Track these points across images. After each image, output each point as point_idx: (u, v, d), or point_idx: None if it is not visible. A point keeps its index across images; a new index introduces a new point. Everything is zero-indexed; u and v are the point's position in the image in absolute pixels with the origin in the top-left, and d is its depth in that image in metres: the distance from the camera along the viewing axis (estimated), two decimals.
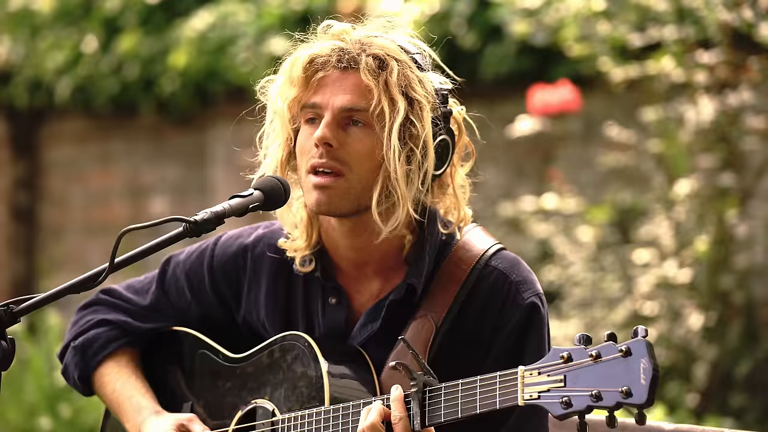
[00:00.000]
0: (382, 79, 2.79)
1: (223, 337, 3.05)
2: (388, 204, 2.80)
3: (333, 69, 2.81)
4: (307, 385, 2.83)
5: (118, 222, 9.65)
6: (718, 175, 6.16)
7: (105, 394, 3.09)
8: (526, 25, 6.72)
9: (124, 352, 3.10)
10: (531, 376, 2.53)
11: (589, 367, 2.47)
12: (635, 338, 2.46)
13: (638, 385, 2.43)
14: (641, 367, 2.43)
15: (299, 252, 2.92)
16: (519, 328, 2.83)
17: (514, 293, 2.85)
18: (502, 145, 7.37)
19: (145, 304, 3.09)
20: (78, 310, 3.15)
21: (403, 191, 2.78)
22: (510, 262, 2.89)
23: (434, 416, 2.65)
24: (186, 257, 3.08)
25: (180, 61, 8.86)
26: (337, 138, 2.79)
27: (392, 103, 2.78)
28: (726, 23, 6.04)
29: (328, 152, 2.79)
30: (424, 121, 2.79)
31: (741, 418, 6.10)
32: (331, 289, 2.92)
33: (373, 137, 2.79)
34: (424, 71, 2.85)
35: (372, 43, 2.83)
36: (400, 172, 2.77)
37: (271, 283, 2.98)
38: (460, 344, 2.84)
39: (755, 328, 6.43)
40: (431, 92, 2.83)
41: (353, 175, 2.79)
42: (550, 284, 6.36)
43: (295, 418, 2.83)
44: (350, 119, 2.80)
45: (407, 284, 2.86)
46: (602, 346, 2.48)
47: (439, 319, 2.83)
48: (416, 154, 2.79)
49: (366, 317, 2.89)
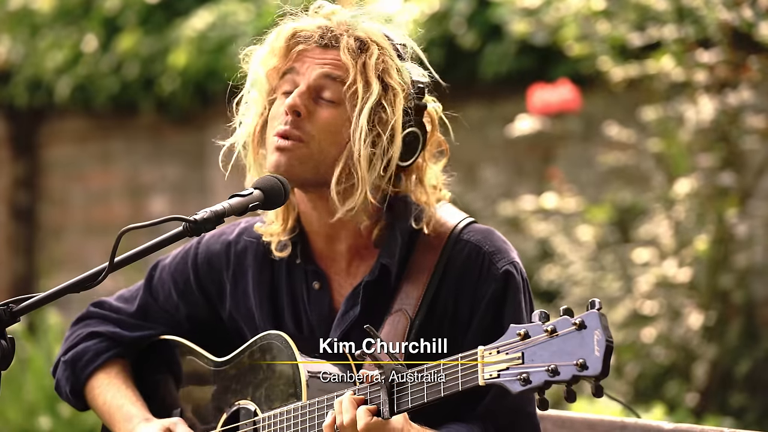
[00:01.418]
0: (361, 60, 2.82)
1: (210, 339, 3.06)
2: (348, 184, 2.82)
3: (315, 45, 2.86)
4: (285, 382, 2.85)
5: (118, 221, 9.65)
6: (717, 174, 6.16)
7: (97, 406, 3.10)
8: (525, 25, 6.71)
9: (115, 363, 3.11)
10: (490, 356, 2.54)
11: (545, 342, 2.49)
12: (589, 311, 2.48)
13: (593, 356, 2.44)
14: (595, 338, 2.45)
15: (275, 236, 2.95)
16: (496, 299, 2.85)
17: (488, 264, 2.86)
18: (501, 144, 7.37)
19: (133, 310, 3.11)
20: (71, 325, 3.17)
21: (364, 174, 2.80)
22: (482, 234, 2.91)
23: (402, 403, 2.65)
24: (171, 260, 3.10)
25: (180, 60, 8.86)
26: (306, 107, 2.83)
27: (367, 84, 2.81)
28: (726, 22, 6.04)
29: (294, 121, 2.83)
30: (395, 108, 2.82)
31: (741, 417, 6.10)
32: (313, 273, 2.93)
33: (342, 115, 2.83)
34: (404, 61, 2.88)
35: (357, 26, 2.87)
36: (363, 153, 2.79)
37: (256, 274, 2.99)
38: (439, 328, 2.85)
39: (755, 328, 6.43)
40: (408, 82, 2.86)
41: (315, 145, 2.82)
42: (550, 283, 6.36)
43: (275, 415, 2.84)
44: (321, 94, 2.84)
45: (381, 264, 2.87)
46: (557, 321, 2.50)
47: (414, 310, 2.84)
48: (382, 140, 2.81)
49: (346, 304, 2.90)
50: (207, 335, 3.07)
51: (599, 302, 2.50)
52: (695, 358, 6.16)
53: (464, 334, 2.85)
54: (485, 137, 7.50)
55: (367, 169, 2.81)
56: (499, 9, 7.20)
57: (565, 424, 3.25)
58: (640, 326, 6.21)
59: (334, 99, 2.84)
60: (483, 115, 7.54)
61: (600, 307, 2.49)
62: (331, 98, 2.84)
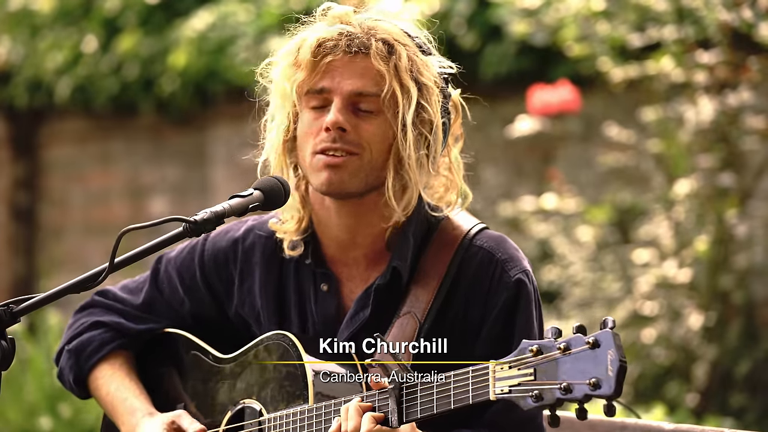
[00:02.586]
0: (392, 63, 2.79)
1: (216, 335, 3.05)
2: (399, 187, 2.81)
3: (342, 53, 2.81)
4: (291, 383, 2.84)
5: (118, 222, 9.65)
6: (717, 175, 6.16)
7: (100, 397, 3.09)
8: (525, 25, 6.72)
9: (119, 355, 3.10)
10: (502, 371, 2.53)
11: (558, 359, 2.48)
12: (603, 329, 2.47)
13: (606, 376, 2.43)
14: (608, 358, 2.44)
15: (288, 235, 2.92)
16: (507, 308, 2.83)
17: (500, 272, 2.85)
18: (501, 145, 7.37)
19: (139, 303, 3.10)
20: (74, 313, 3.16)
21: (416, 175, 2.79)
22: (495, 241, 2.89)
23: (411, 413, 2.65)
24: (177, 254, 3.09)
25: (180, 61, 8.86)
26: (349, 122, 2.79)
27: (403, 88, 2.78)
28: (726, 23, 6.04)
29: (341, 137, 2.79)
30: (433, 106, 2.81)
31: (741, 418, 6.10)
32: (323, 275, 2.92)
33: (384, 122, 2.80)
34: (428, 55, 2.86)
35: (378, 27, 2.84)
36: (414, 157, 2.78)
37: (263, 272, 2.98)
38: (448, 334, 2.83)
39: (755, 328, 6.43)
40: (436, 75, 2.84)
41: (366, 155, 2.79)
42: (550, 284, 6.35)
43: (281, 417, 2.84)
44: (359, 105, 2.80)
45: (392, 267, 2.85)
46: (571, 339, 2.48)
47: (423, 314, 2.83)
48: (427, 139, 2.80)
49: (356, 305, 2.88)
50: (211, 332, 3.06)
51: (612, 320, 2.48)
52: (695, 359, 6.16)
53: (474, 341, 2.83)
54: (485, 138, 7.50)
55: (419, 171, 2.80)
56: (499, 9, 7.21)
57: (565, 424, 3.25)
58: (640, 327, 6.21)
59: (372, 109, 2.80)
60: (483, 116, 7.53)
61: (613, 326, 2.47)
62: (369, 108, 2.80)
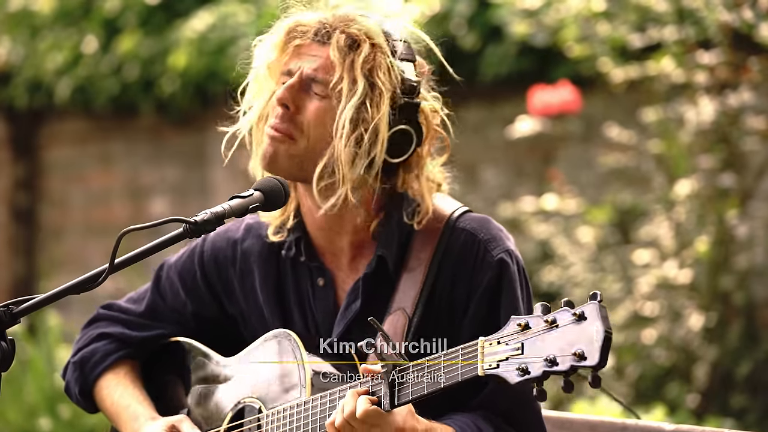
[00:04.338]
0: (350, 58, 2.84)
1: (217, 338, 3.08)
2: (329, 181, 2.84)
3: (310, 40, 2.88)
4: (290, 380, 2.87)
5: (118, 223, 9.65)
6: (718, 175, 6.16)
7: (105, 408, 3.12)
8: (526, 26, 6.71)
9: (123, 364, 3.13)
10: (490, 346, 2.55)
11: (545, 333, 2.50)
12: (590, 302, 2.49)
13: (591, 347, 2.45)
14: (594, 329, 2.45)
15: (273, 220, 2.98)
16: (492, 288, 2.86)
17: (483, 252, 2.88)
18: (502, 145, 7.37)
19: (141, 310, 3.12)
20: (82, 328, 3.19)
21: (345, 172, 2.82)
22: (478, 222, 2.92)
23: (403, 395, 2.66)
24: (177, 259, 3.12)
25: (180, 61, 8.87)
26: (295, 101, 2.86)
27: (352, 83, 2.82)
28: (726, 24, 6.04)
29: (284, 114, 2.86)
30: (380, 108, 2.82)
31: (741, 418, 6.10)
32: (317, 269, 2.95)
33: (329, 110, 2.85)
34: (401, 60, 2.87)
35: (355, 21, 2.88)
36: (345, 152, 2.81)
37: (262, 273, 3.01)
38: (437, 323, 2.87)
39: (755, 329, 6.43)
40: (397, 81, 2.85)
41: (302, 140, 2.85)
42: (550, 285, 6.36)
43: (279, 411, 2.86)
44: (311, 88, 2.86)
45: (378, 256, 2.89)
46: (557, 312, 2.51)
47: (412, 308, 2.85)
48: (364, 139, 2.82)
49: (348, 297, 2.92)
50: (214, 334, 3.08)
51: (600, 294, 2.51)
52: (696, 360, 6.16)
53: (461, 322, 2.86)
54: (485, 138, 7.50)
55: (349, 168, 2.82)
56: (499, 10, 7.21)
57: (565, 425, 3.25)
58: (641, 327, 6.21)
59: (322, 93, 2.85)
60: (483, 117, 7.54)
61: (600, 299, 2.49)
62: (320, 93, 2.86)
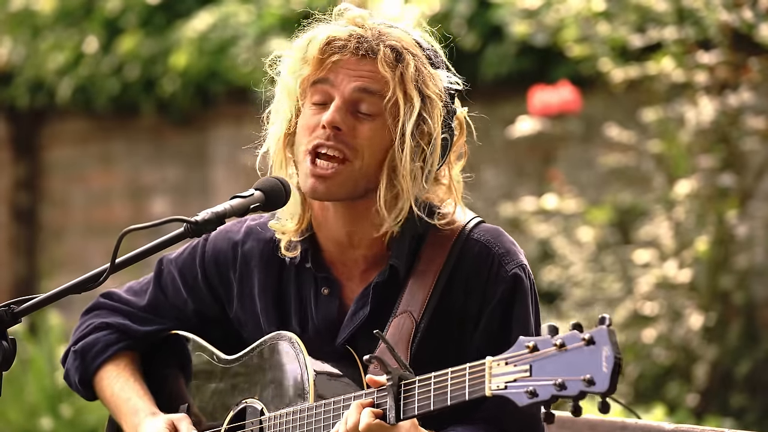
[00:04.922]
0: (399, 71, 2.78)
1: (220, 336, 3.07)
2: (391, 196, 2.80)
3: (350, 54, 2.80)
4: (293, 383, 2.85)
5: (119, 222, 9.66)
6: (718, 175, 6.17)
7: (105, 398, 3.10)
8: (526, 26, 6.72)
9: (124, 356, 3.11)
10: (498, 367, 2.53)
11: (553, 356, 2.48)
12: (599, 327, 2.47)
13: (601, 373, 2.43)
14: (603, 355, 2.44)
15: (287, 235, 2.91)
16: (504, 302, 2.84)
17: (497, 266, 2.85)
18: (502, 145, 7.38)
19: (144, 304, 3.11)
20: (81, 315, 3.17)
21: (409, 186, 2.78)
22: (492, 234, 2.89)
23: (408, 409, 2.65)
24: (178, 255, 3.09)
25: (181, 61, 8.87)
26: (346, 123, 2.78)
27: (407, 97, 2.77)
28: (726, 24, 6.05)
29: (336, 135, 2.77)
30: (435, 119, 2.79)
31: (741, 418, 6.10)
32: (323, 279, 2.91)
33: (383, 128, 2.79)
34: (436, 68, 2.85)
35: (389, 34, 2.82)
36: (408, 168, 2.77)
37: (262, 276, 2.98)
38: (445, 330, 2.84)
39: (755, 329, 6.44)
40: (442, 90, 2.83)
41: (358, 162, 2.78)
42: (550, 284, 6.36)
43: (281, 415, 2.85)
44: (359, 107, 2.79)
45: (390, 266, 2.85)
46: (566, 335, 2.49)
47: (419, 312, 2.83)
48: (425, 151, 2.79)
49: (356, 304, 2.89)
50: (215, 332, 3.07)
51: (609, 318, 2.48)
52: (696, 359, 6.17)
53: (471, 335, 2.84)
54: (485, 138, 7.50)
55: (412, 181, 2.78)
56: (499, 10, 7.21)
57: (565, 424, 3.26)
58: (641, 327, 6.22)
59: (372, 112, 2.79)
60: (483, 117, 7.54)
61: (610, 323, 2.47)
62: (369, 111, 2.79)
